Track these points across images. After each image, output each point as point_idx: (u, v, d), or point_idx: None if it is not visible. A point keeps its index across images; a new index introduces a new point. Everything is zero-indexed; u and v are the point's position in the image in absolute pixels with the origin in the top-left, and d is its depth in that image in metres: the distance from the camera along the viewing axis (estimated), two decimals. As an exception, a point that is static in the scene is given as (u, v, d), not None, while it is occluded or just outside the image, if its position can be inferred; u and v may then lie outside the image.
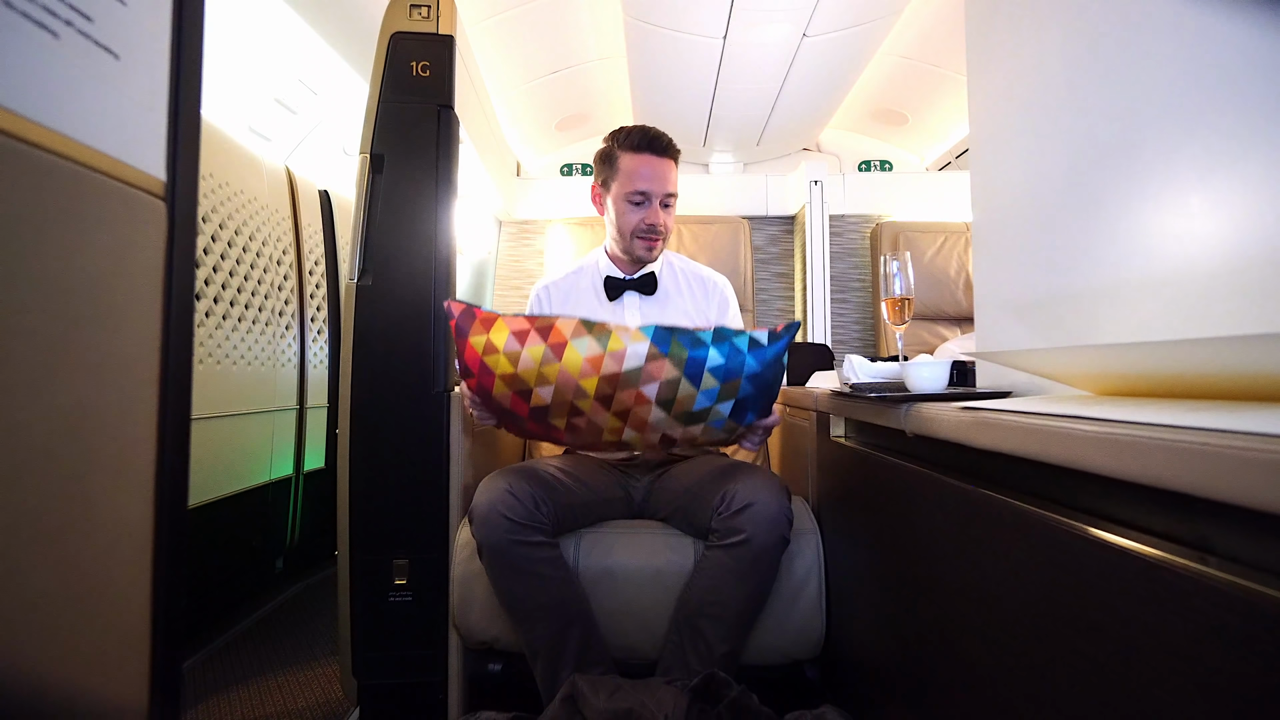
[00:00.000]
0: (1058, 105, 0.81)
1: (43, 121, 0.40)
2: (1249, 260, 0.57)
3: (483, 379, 1.05)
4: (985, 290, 0.95)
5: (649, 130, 1.41)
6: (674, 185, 1.41)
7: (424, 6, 1.29)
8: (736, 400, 1.02)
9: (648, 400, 1.00)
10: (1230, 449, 0.36)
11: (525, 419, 1.08)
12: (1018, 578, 0.59)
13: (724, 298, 1.54)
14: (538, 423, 1.09)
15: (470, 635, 1.23)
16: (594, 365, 1.00)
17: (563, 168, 2.76)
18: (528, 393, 1.03)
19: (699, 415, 1.02)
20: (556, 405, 1.03)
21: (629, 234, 1.42)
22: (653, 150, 1.39)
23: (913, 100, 2.49)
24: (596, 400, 1.01)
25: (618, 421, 1.04)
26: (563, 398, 1.02)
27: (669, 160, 1.41)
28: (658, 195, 1.39)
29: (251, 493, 1.91)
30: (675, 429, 1.04)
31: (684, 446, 1.14)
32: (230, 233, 1.79)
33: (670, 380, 0.99)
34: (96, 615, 0.44)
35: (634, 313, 1.49)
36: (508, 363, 1.02)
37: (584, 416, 1.04)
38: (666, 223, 1.42)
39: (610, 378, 0.99)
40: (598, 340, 1.01)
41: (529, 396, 1.03)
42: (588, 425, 1.06)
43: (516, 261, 2.51)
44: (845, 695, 1.13)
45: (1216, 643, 0.38)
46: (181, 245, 0.51)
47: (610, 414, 1.03)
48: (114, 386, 0.46)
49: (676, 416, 1.02)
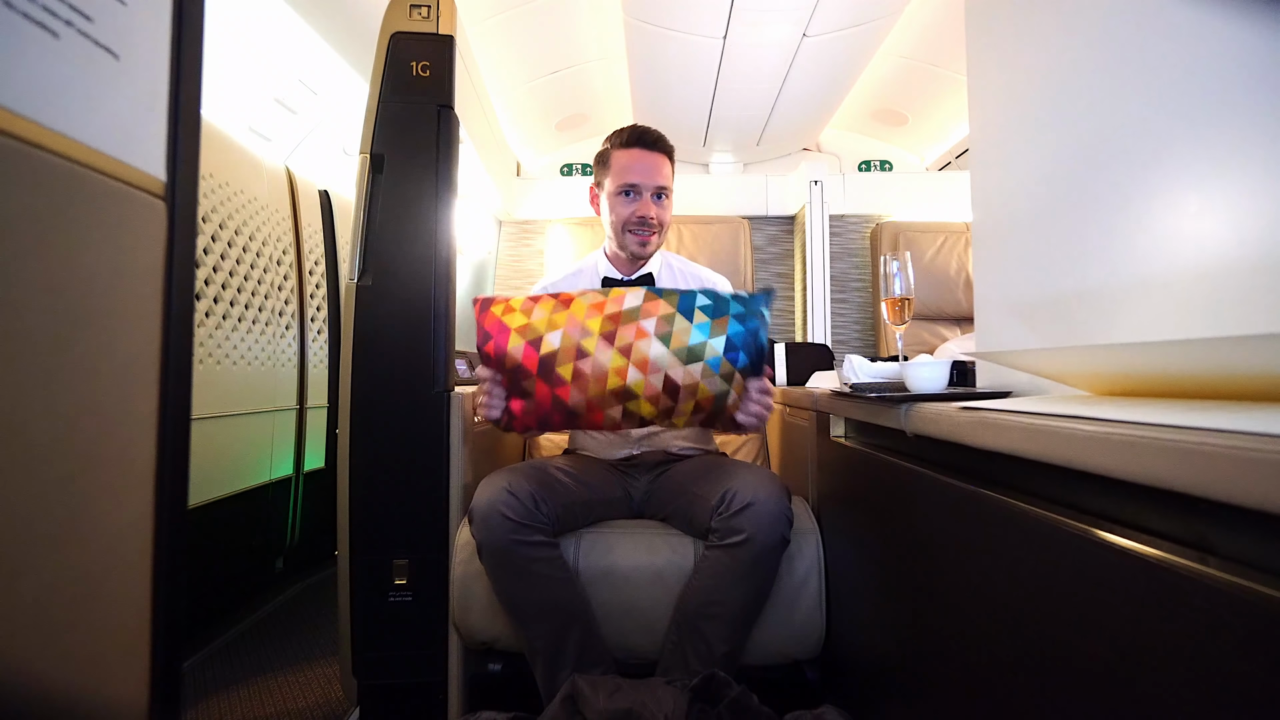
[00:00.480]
0: (1058, 105, 0.81)
1: (43, 121, 0.40)
2: (1249, 260, 0.57)
3: (499, 338, 1.13)
4: (985, 290, 0.95)
5: (639, 127, 1.42)
6: (665, 179, 1.41)
7: (424, 6, 1.29)
8: (727, 337, 1.10)
9: (647, 334, 1.09)
10: (1230, 449, 0.36)
11: (535, 375, 1.11)
12: (1018, 578, 0.59)
13: (723, 298, 1.54)
14: (545, 378, 1.11)
15: (470, 635, 1.23)
16: (597, 308, 1.13)
17: (563, 168, 2.76)
18: (538, 341, 1.11)
19: (696, 351, 1.09)
20: (564, 350, 1.10)
21: (621, 228, 1.41)
22: (642, 144, 1.39)
23: (913, 100, 2.49)
24: (601, 337, 1.10)
25: (621, 359, 1.09)
26: (570, 341, 1.10)
27: (659, 154, 1.40)
28: (648, 188, 1.39)
29: (251, 493, 1.91)
30: (677, 369, 1.09)
31: (686, 402, 1.11)
32: (230, 233, 1.79)
33: (666, 315, 1.11)
34: (96, 615, 0.44)
35: (634, 313, 1.48)
36: (522, 315, 1.14)
37: (589, 359, 1.09)
38: (660, 216, 1.41)
39: (613, 316, 1.11)
40: (600, 293, 1.16)
41: (539, 344, 1.11)
42: (592, 369, 1.10)
43: (516, 261, 2.51)
44: (845, 695, 1.13)
45: (1216, 643, 0.38)
46: (181, 245, 0.51)
47: (615, 350, 1.09)
48: (114, 386, 0.46)
49: (675, 352, 1.09)
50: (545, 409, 1.13)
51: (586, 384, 1.11)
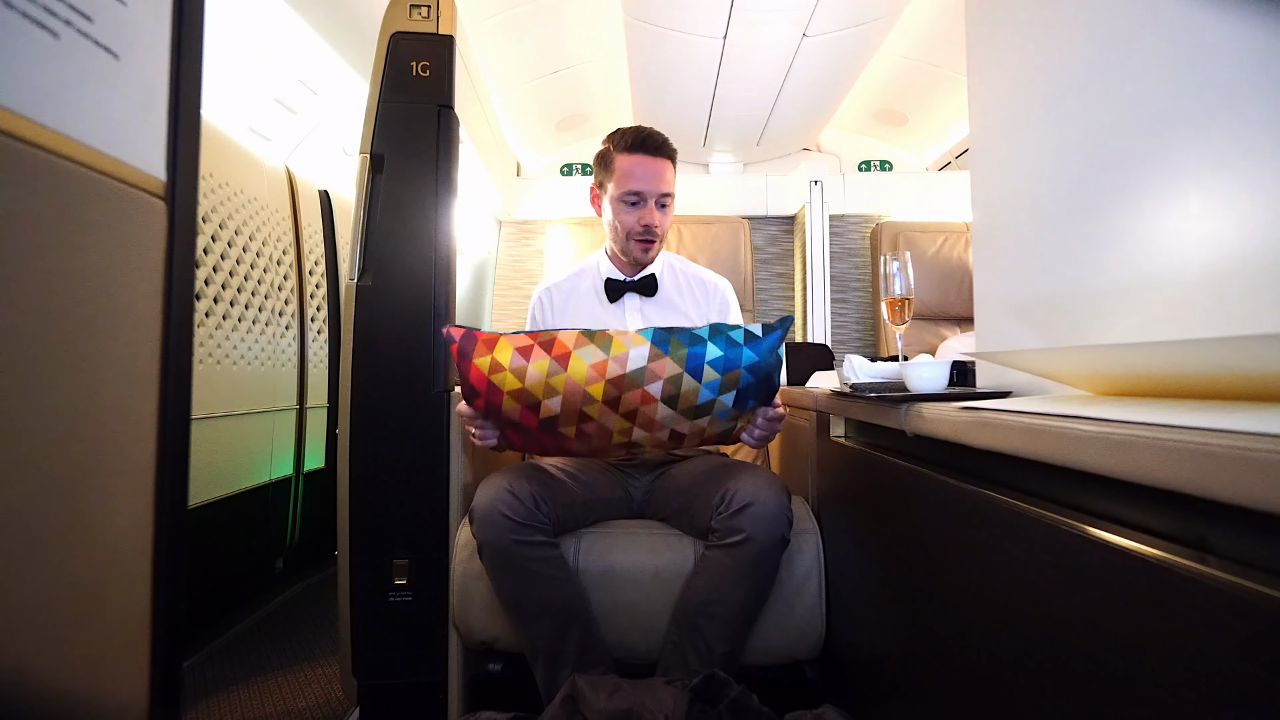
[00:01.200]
0: (1057, 105, 0.81)
1: (43, 121, 0.39)
2: (1249, 260, 0.57)
3: (491, 397, 1.07)
4: (985, 290, 0.95)
5: (643, 130, 1.39)
6: (669, 185, 1.40)
7: (424, 6, 1.29)
8: (738, 390, 1.06)
9: (654, 399, 1.04)
10: (1229, 449, 0.36)
11: (535, 430, 1.10)
12: (1018, 578, 0.59)
13: (724, 299, 1.54)
14: (548, 433, 1.10)
15: (470, 635, 1.23)
16: (599, 371, 1.03)
17: (563, 168, 2.76)
18: (536, 405, 1.06)
19: (704, 408, 1.06)
20: (565, 414, 1.06)
21: (625, 236, 1.41)
22: (646, 150, 1.37)
23: (913, 100, 2.49)
24: (604, 404, 1.04)
25: (626, 422, 1.07)
26: (571, 406, 1.05)
27: (664, 160, 1.39)
28: (652, 196, 1.38)
29: (251, 493, 1.91)
30: (683, 424, 1.08)
31: (693, 440, 1.14)
32: (230, 233, 1.79)
33: (673, 377, 1.03)
34: (96, 616, 0.44)
35: (634, 314, 1.48)
36: (514, 379, 1.05)
37: (593, 422, 1.06)
38: (662, 224, 1.40)
39: (616, 380, 1.03)
40: (600, 347, 1.06)
41: (538, 409, 1.06)
42: (597, 430, 1.08)
43: (516, 261, 2.51)
44: (845, 695, 1.13)
45: (1217, 643, 0.38)
46: (181, 245, 0.51)
47: (619, 415, 1.06)
48: (114, 386, 0.46)
49: (683, 412, 1.06)
50: (546, 446, 1.16)
51: (591, 441, 1.11)
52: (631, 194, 1.38)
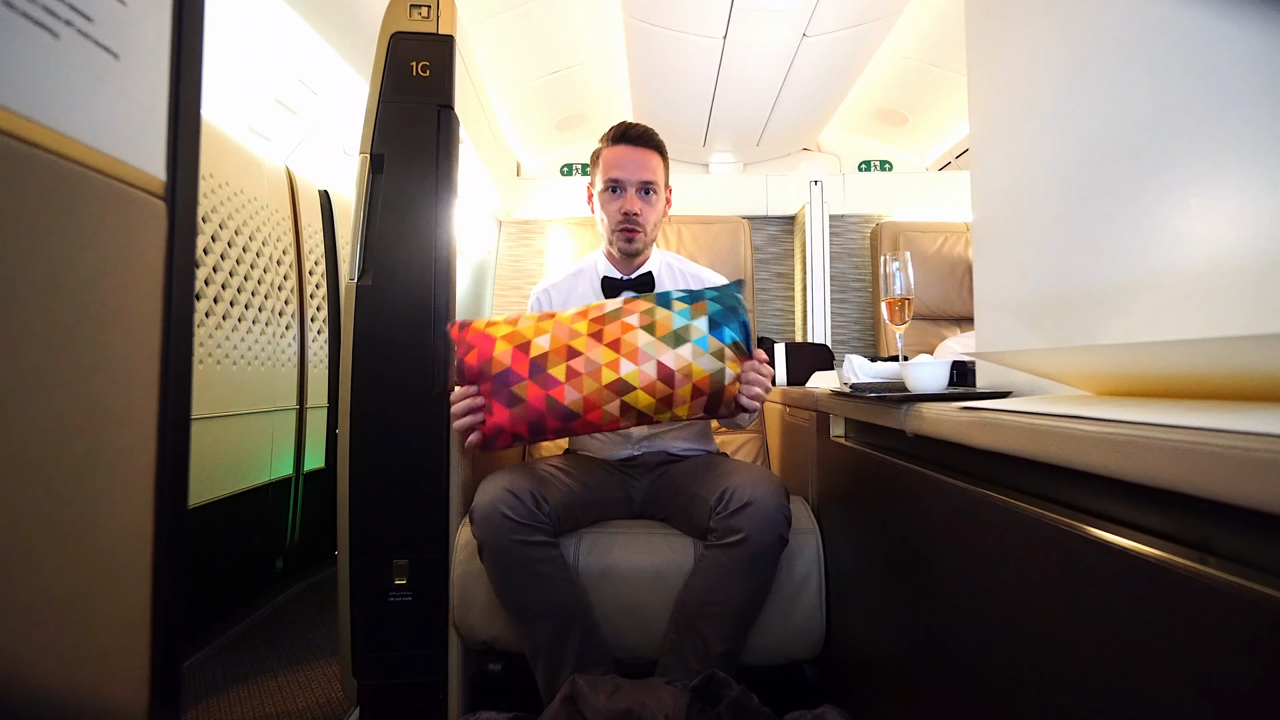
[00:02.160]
0: (1057, 105, 0.81)
1: (43, 121, 0.39)
2: (1250, 260, 0.57)
3: (483, 347, 1.15)
4: (985, 290, 0.95)
5: (625, 123, 1.42)
6: (652, 174, 1.39)
7: (424, 6, 1.29)
8: (709, 317, 1.16)
9: (633, 326, 1.16)
10: (1230, 449, 0.36)
11: (526, 378, 1.12)
12: (1018, 578, 0.59)
13: (724, 298, 1.54)
14: (538, 380, 1.11)
15: (470, 635, 1.23)
16: (582, 314, 1.20)
17: (563, 168, 2.76)
18: (526, 345, 1.15)
19: (682, 335, 1.14)
20: (554, 352, 1.13)
21: (610, 227, 1.41)
22: (627, 140, 1.39)
23: (913, 100, 2.49)
24: (589, 336, 1.15)
25: (612, 353, 1.13)
26: (559, 342, 1.15)
27: (646, 150, 1.39)
28: (632, 184, 1.38)
29: (251, 493, 1.91)
30: (667, 354, 1.12)
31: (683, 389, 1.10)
32: (230, 233, 1.79)
33: (646, 310, 1.19)
34: (96, 615, 0.44)
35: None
36: (506, 325, 1.19)
37: (581, 357, 1.13)
38: (645, 212, 1.39)
39: (597, 318, 1.18)
40: (580, 308, 1.23)
41: (528, 348, 1.14)
42: (585, 366, 1.12)
43: (516, 261, 2.51)
44: (845, 695, 1.13)
45: (1217, 643, 0.38)
46: (181, 245, 0.51)
47: (604, 346, 1.13)
48: (114, 386, 0.46)
49: (663, 339, 1.13)
50: (539, 412, 1.11)
51: (581, 381, 1.11)
52: (612, 181, 1.39)
